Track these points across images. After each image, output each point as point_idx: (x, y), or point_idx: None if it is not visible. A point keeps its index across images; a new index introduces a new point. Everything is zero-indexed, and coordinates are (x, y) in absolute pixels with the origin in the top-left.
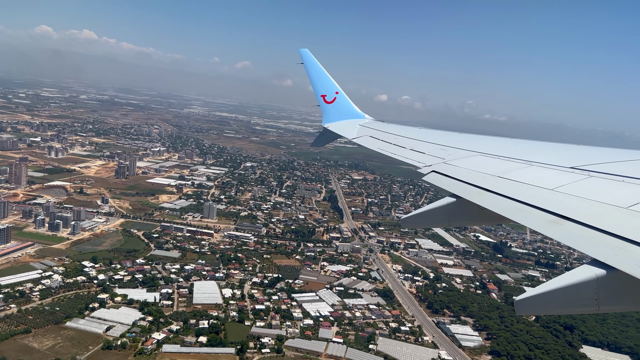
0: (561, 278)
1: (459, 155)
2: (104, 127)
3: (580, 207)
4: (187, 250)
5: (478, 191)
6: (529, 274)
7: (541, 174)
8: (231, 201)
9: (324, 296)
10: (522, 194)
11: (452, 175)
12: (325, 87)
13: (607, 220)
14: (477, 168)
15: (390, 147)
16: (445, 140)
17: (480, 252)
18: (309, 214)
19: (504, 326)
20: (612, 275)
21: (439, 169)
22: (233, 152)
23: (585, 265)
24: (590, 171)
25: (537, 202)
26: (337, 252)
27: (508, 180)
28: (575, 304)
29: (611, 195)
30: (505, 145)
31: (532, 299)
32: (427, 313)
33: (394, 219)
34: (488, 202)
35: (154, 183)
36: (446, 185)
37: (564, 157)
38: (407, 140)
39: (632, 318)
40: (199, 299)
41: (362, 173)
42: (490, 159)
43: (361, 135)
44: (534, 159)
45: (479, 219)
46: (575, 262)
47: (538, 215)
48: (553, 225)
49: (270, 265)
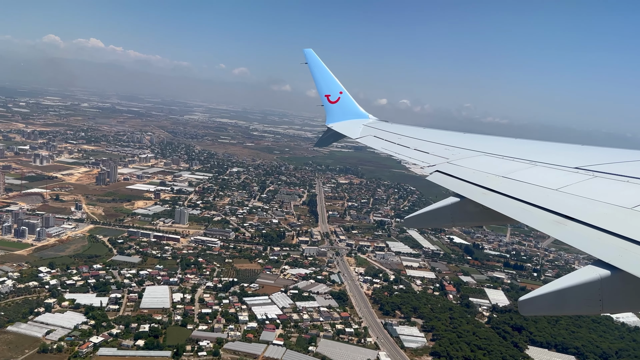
0: (565, 278)
1: (463, 155)
2: (97, 134)
3: (584, 208)
4: (149, 255)
5: (482, 191)
6: (494, 276)
7: (545, 174)
8: (207, 206)
9: (276, 299)
10: (526, 194)
11: (456, 175)
12: (329, 87)
13: (611, 221)
14: (481, 168)
15: (394, 147)
16: (449, 140)
17: (449, 255)
18: (284, 218)
19: (452, 327)
20: (617, 276)
21: (443, 169)
22: (223, 157)
23: (590, 266)
24: (595, 171)
25: (541, 202)
26: (302, 256)
27: (512, 180)
28: (579, 305)
29: (616, 195)
30: (509, 146)
31: (536, 299)
32: (378, 315)
33: (370, 222)
34: (492, 202)
35: (133, 189)
36: (450, 185)
37: (569, 157)
38: (411, 140)
39: (586, 319)
40: (146, 304)
41: (349, 177)
42: (494, 159)
43: (365, 135)
44: (538, 159)
45: (483, 219)
46: (547, 264)
47: (542, 216)
48: (557, 225)
49: (230, 269)
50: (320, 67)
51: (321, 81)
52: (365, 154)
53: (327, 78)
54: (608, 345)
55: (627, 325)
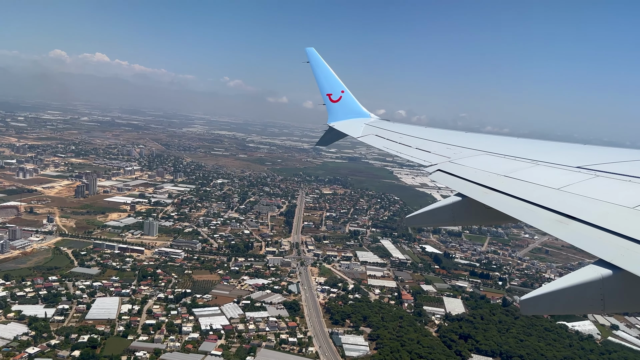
0: (567, 278)
1: (465, 155)
2: (88, 147)
3: (586, 207)
4: (109, 267)
5: (484, 190)
6: (457, 285)
7: (547, 174)
8: (181, 218)
9: (226, 310)
10: (528, 193)
11: (458, 174)
12: (331, 86)
13: (613, 220)
14: (482, 167)
15: (395, 146)
16: (451, 139)
17: (417, 264)
18: (257, 229)
19: (397, 336)
20: (618, 276)
21: (445, 168)
22: (211, 169)
23: (591, 265)
24: (597, 171)
25: (543, 201)
26: (265, 267)
27: (514, 180)
28: (580, 304)
29: (617, 195)
30: (511, 145)
31: (537, 299)
32: (328, 324)
33: (344, 232)
34: (494, 201)
35: (111, 201)
36: (452, 184)
37: (570, 156)
38: (413, 139)
39: (539, 328)
40: (93, 315)
41: (334, 188)
42: (496, 158)
43: (367, 134)
44: (540, 158)
45: (485, 218)
46: (516, 273)
47: (544, 215)
48: (559, 224)
49: (187, 280)
50: (322, 66)
51: (323, 80)
52: (358, 164)
53: (329, 77)
54: (554, 354)
55: (581, 334)
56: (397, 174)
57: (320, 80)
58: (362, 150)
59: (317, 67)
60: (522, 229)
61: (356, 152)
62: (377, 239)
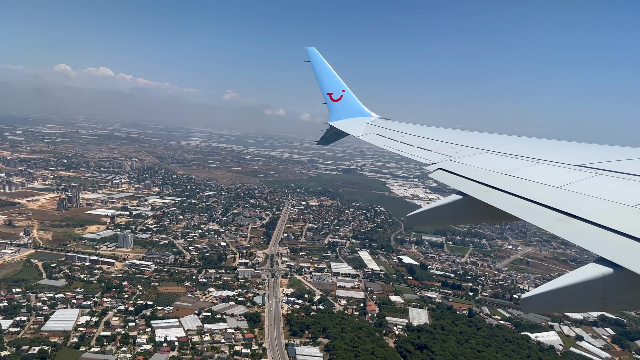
0: (568, 276)
1: (466, 153)
2: (80, 160)
3: (587, 205)
4: (76, 279)
5: (484, 189)
6: (426, 295)
7: (548, 172)
8: (160, 230)
9: (185, 322)
10: (529, 191)
11: (459, 173)
12: (332, 85)
13: (614, 219)
14: (483, 165)
15: (396, 145)
16: (452, 138)
17: (390, 275)
18: (235, 240)
19: (352, 346)
20: (619, 274)
21: (446, 167)
22: (201, 182)
23: (592, 264)
24: (598, 169)
25: (544, 200)
26: (234, 278)
27: (515, 178)
28: (581, 302)
29: (619, 193)
30: (512, 143)
31: (538, 297)
32: (286, 335)
33: (323, 244)
34: (494, 199)
35: (92, 214)
36: (452, 183)
37: (571, 155)
38: (414, 137)
39: (500, 338)
40: (49, 327)
41: (321, 199)
42: (496, 156)
43: (368, 133)
44: (541, 156)
45: (486, 217)
46: (491, 284)
47: (545, 213)
48: (560, 223)
49: (152, 292)
50: (323, 65)
51: (324, 79)
52: (352, 176)
53: (330, 76)
54: None
55: (542, 345)
56: (390, 186)
57: (321, 79)
58: (358, 161)
59: (318, 66)
60: (507, 240)
61: (352, 164)
62: (355, 250)
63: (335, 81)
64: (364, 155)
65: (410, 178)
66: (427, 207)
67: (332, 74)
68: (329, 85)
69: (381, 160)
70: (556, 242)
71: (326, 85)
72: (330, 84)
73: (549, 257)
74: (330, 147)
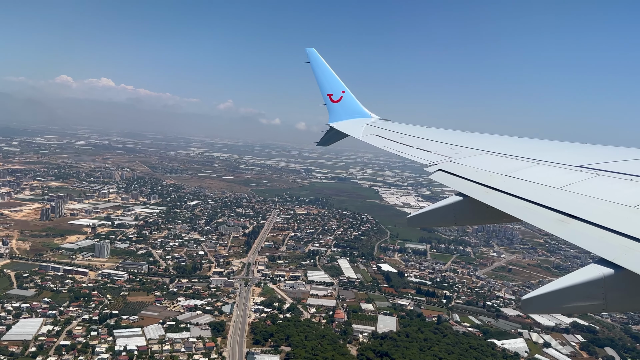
0: (568, 277)
1: (466, 154)
2: (71, 171)
3: (587, 206)
4: (46, 289)
5: (485, 190)
6: (398, 303)
7: (548, 173)
8: (139, 240)
9: (148, 331)
10: (529, 192)
11: (459, 174)
12: (332, 86)
13: (614, 219)
14: (483, 167)
15: (396, 146)
16: (452, 139)
17: (365, 283)
18: (214, 249)
19: (313, 354)
20: (620, 275)
21: (446, 168)
22: (191, 191)
23: (593, 264)
24: (598, 170)
25: (544, 200)
26: (206, 287)
27: (515, 179)
28: (582, 303)
29: (619, 194)
30: (512, 144)
31: (539, 298)
32: (249, 344)
33: (303, 252)
34: (495, 200)
35: (74, 224)
36: (452, 184)
37: (571, 155)
38: (414, 139)
39: (464, 345)
40: (11, 336)
41: (309, 208)
42: (496, 157)
43: (367, 134)
44: (541, 157)
45: (486, 218)
46: (468, 291)
47: (545, 214)
48: (560, 224)
49: (120, 302)
50: (323, 66)
51: (323, 80)
52: (346, 184)
53: (330, 77)
54: None
55: (507, 352)
56: (382, 194)
57: (321, 80)
58: (354, 170)
59: (318, 67)
60: (492, 247)
61: (348, 173)
62: (335, 258)
63: (335, 82)
64: (362, 163)
65: (404, 186)
66: (427, 209)
67: (332, 75)
68: (328, 86)
69: (377, 168)
70: (541, 250)
71: (326, 86)
72: (330, 85)
73: (532, 264)
74: (327, 156)
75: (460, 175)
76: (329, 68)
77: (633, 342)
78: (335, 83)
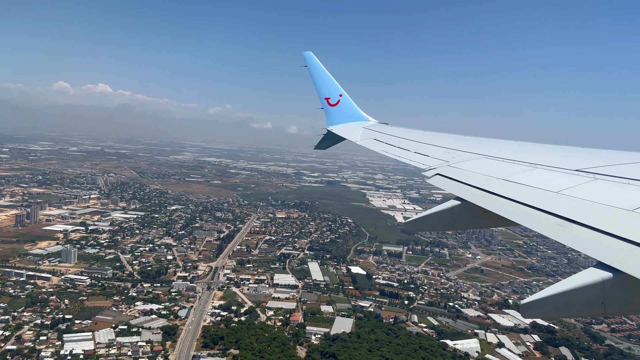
0: (567, 281)
1: (463, 158)
2: (56, 177)
3: (585, 210)
4: (5, 294)
5: (483, 194)
6: (360, 304)
7: (546, 177)
8: (110, 245)
9: (98, 335)
10: (527, 196)
11: (456, 178)
12: (329, 89)
13: (612, 223)
14: (481, 171)
15: (394, 150)
16: (450, 143)
17: (330, 285)
18: (184, 254)
19: (260, 357)
20: (618, 278)
21: (443, 172)
22: (174, 196)
23: (591, 268)
24: (595, 174)
25: (542, 204)
26: (166, 292)
27: (513, 183)
28: (581, 307)
29: (616, 197)
30: (510, 148)
31: (537, 303)
32: (199, 347)
33: (275, 255)
34: (493, 204)
35: (48, 230)
36: (450, 188)
37: (569, 159)
38: (412, 143)
39: (414, 345)
40: None
41: (290, 212)
42: (494, 161)
43: (365, 138)
44: (539, 161)
45: (484, 221)
46: (433, 291)
47: (543, 218)
48: (558, 228)
49: (77, 307)
50: (320, 70)
51: (320, 84)
52: (334, 188)
53: (327, 81)
54: None
55: (458, 352)
56: (370, 197)
57: (318, 84)
58: (346, 173)
59: (315, 71)
60: (469, 249)
61: (339, 176)
62: (305, 261)
63: (332, 86)
64: (355, 167)
65: (393, 189)
66: (425, 213)
67: (329, 78)
68: (326, 89)
69: (370, 171)
70: (518, 251)
71: (323, 90)
72: (327, 88)
73: (506, 265)
74: (321, 160)
75: (458, 180)
76: (326, 72)
77: (591, 341)
78: (333, 86)
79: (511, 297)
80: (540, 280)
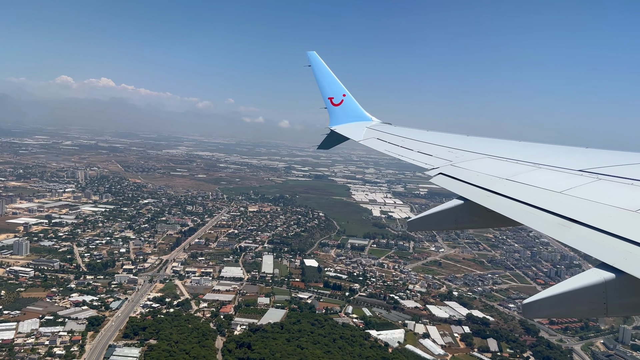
0: (569, 281)
1: (467, 158)
2: (38, 170)
3: (588, 210)
4: None
5: (486, 194)
6: (299, 296)
7: (549, 177)
8: (68, 238)
9: (22, 325)
10: (530, 196)
11: (460, 178)
12: (333, 89)
13: (615, 224)
14: (484, 170)
15: (397, 149)
16: (453, 142)
17: (277, 278)
18: (139, 247)
19: (169, 347)
20: (621, 279)
21: (446, 172)
22: (151, 190)
23: (594, 269)
24: (599, 174)
25: (545, 204)
26: (106, 284)
27: (516, 183)
28: (583, 308)
29: (620, 198)
30: (513, 148)
31: (539, 302)
32: (118, 338)
33: (233, 249)
34: (496, 204)
35: (11, 223)
36: (453, 188)
37: (573, 159)
38: (415, 142)
39: (335, 336)
40: None
41: (263, 205)
42: (498, 161)
43: (368, 137)
44: (542, 161)
45: (487, 222)
46: (381, 284)
47: (546, 218)
48: (561, 228)
49: (11, 297)
50: (324, 70)
51: (324, 83)
52: (320, 182)
53: (330, 80)
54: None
55: (379, 342)
56: (353, 191)
57: (322, 83)
58: (337, 168)
59: (319, 70)
60: (435, 242)
61: (330, 170)
62: (261, 254)
63: (336, 85)
64: (349, 161)
65: (380, 183)
66: (427, 212)
67: (333, 78)
68: (329, 89)
69: (363, 165)
70: (484, 245)
71: (327, 89)
72: (331, 88)
73: (468, 258)
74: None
75: (461, 179)
76: (329, 71)
77: (524, 333)
78: (336, 86)
79: (459, 290)
80: (497, 273)
